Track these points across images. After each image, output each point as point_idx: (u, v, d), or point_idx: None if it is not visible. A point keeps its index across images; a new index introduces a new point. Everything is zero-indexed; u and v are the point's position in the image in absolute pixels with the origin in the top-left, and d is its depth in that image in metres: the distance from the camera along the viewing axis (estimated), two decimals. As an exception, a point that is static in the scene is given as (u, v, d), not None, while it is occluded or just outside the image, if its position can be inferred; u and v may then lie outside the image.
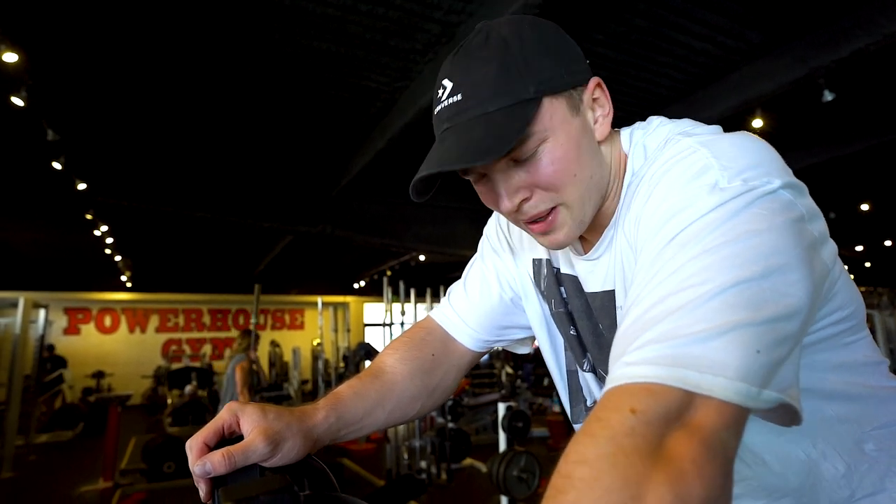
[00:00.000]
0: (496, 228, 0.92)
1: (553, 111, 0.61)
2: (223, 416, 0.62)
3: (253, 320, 5.55)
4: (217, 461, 0.56)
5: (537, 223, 0.66)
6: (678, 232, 0.49)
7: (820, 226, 0.56)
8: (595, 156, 0.66)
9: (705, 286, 0.44)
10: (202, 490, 0.58)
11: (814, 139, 5.48)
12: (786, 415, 0.45)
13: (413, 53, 3.86)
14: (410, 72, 4.11)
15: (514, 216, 0.67)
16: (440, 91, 0.63)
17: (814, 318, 0.58)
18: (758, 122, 4.51)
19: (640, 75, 4.31)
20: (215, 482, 0.57)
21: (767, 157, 0.54)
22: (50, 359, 10.73)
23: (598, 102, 0.67)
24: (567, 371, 0.85)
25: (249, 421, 0.61)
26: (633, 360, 0.42)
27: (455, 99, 0.61)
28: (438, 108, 0.63)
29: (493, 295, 0.88)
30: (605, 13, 3.47)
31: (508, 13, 3.06)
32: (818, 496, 0.64)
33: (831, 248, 0.59)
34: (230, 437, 0.61)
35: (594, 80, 0.66)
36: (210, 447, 0.59)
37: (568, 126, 0.62)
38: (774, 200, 0.50)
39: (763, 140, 0.57)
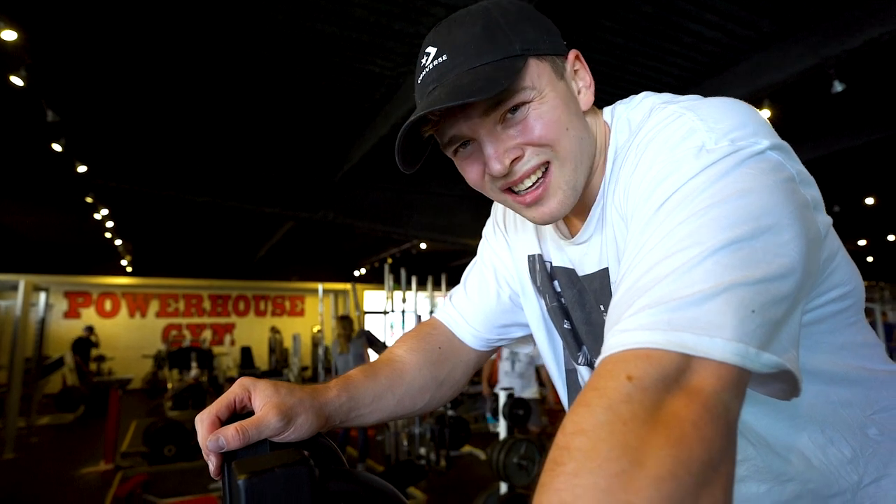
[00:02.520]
0: (493, 227, 0.92)
1: (540, 71, 0.61)
2: (235, 390, 0.61)
3: (357, 312, 6.57)
4: (230, 435, 0.55)
5: (529, 192, 0.64)
6: (667, 197, 0.49)
7: (813, 192, 0.56)
8: (582, 121, 0.66)
9: (696, 248, 0.43)
10: (212, 464, 0.57)
11: (821, 131, 5.44)
12: (785, 386, 0.44)
13: (418, 38, 3.80)
14: (415, 57, 4.02)
15: (503, 182, 0.64)
16: (424, 58, 0.63)
17: (812, 284, 0.58)
18: (766, 113, 4.46)
19: (647, 63, 4.25)
20: (226, 457, 0.56)
21: (753, 118, 0.53)
22: (88, 340, 10.97)
23: (578, 74, 0.67)
24: (566, 370, 0.85)
25: (262, 396, 0.60)
26: (628, 326, 0.41)
27: (441, 60, 0.61)
28: (423, 73, 0.63)
29: (491, 294, 0.88)
30: (614, -1, 3.42)
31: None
32: (828, 482, 0.64)
33: (826, 219, 0.59)
34: (241, 413, 0.61)
35: (573, 52, 0.67)
36: (222, 421, 0.58)
37: (555, 87, 0.62)
38: (763, 161, 0.50)
39: (747, 103, 0.56)
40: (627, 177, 0.59)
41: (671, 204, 0.48)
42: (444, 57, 0.60)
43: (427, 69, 0.62)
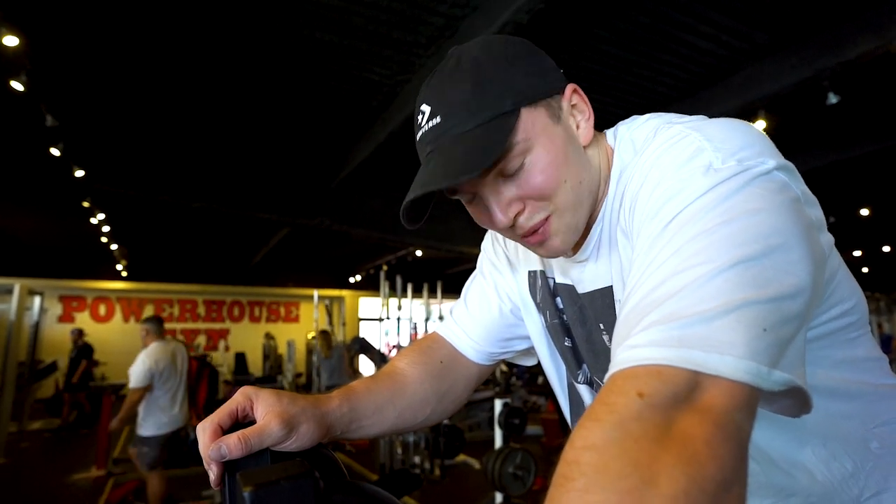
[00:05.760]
0: (492, 242, 0.92)
1: (534, 120, 0.61)
2: (237, 399, 0.61)
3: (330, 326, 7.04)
4: (233, 444, 0.55)
5: (533, 235, 0.66)
6: (675, 215, 0.49)
7: (817, 212, 0.56)
8: (582, 160, 0.66)
9: (706, 266, 0.43)
10: (213, 474, 0.56)
11: (816, 142, 5.48)
12: (795, 403, 0.44)
13: (416, 46, 3.83)
14: (413, 65, 4.08)
15: (510, 232, 0.67)
16: (420, 116, 0.64)
17: (817, 303, 0.58)
18: (760, 124, 4.49)
19: (643, 73, 4.28)
20: (227, 466, 0.55)
21: (758, 138, 0.54)
22: (83, 348, 9.19)
23: (577, 108, 0.67)
24: (567, 384, 0.85)
25: (264, 404, 0.60)
26: (637, 342, 0.41)
27: (435, 122, 0.62)
28: (420, 133, 0.64)
29: (492, 308, 0.88)
30: (610, 10, 3.44)
31: (512, 8, 3.04)
32: (830, 497, 0.63)
33: (828, 238, 0.59)
34: (243, 422, 0.60)
35: (570, 87, 0.66)
36: (224, 430, 0.58)
37: (551, 133, 0.62)
38: (770, 181, 0.50)
39: (751, 124, 0.57)
40: (633, 195, 0.59)
41: (680, 221, 0.48)
42: (438, 119, 0.61)
43: (423, 129, 0.63)
